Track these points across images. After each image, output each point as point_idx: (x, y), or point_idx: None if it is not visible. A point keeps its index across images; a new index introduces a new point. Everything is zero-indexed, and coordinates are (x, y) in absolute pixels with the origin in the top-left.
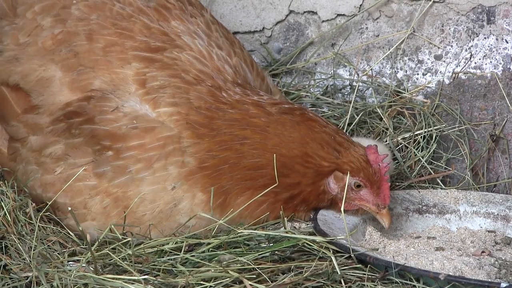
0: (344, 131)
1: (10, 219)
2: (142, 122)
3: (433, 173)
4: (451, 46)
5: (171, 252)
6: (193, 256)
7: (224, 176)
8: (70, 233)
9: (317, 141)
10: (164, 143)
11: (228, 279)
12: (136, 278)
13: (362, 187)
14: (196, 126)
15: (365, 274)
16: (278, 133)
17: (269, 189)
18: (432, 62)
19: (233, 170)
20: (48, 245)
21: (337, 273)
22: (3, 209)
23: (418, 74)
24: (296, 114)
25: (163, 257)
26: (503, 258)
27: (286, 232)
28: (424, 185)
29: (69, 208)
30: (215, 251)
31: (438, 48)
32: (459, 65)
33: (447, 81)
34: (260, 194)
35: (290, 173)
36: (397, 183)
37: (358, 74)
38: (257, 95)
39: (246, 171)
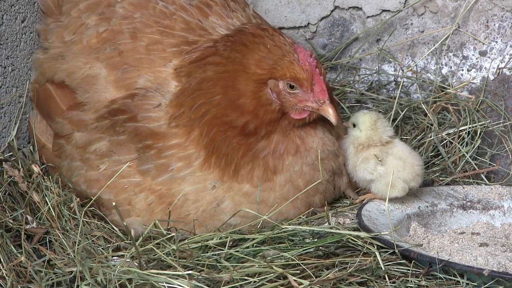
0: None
1: (54, 214)
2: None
3: (477, 169)
4: (496, 42)
5: (215, 248)
6: (237, 251)
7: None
8: (115, 228)
9: (252, 57)
10: None
11: (272, 274)
12: (180, 273)
13: (296, 87)
14: None
15: (409, 270)
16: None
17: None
18: (476, 58)
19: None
20: (92, 240)
21: (381, 268)
22: (47, 204)
23: (462, 70)
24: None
25: (207, 253)
26: None
27: (331, 228)
28: (468, 180)
29: (114, 204)
30: (259, 246)
31: (483, 44)
32: (504, 61)
33: (491, 77)
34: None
35: (238, 98)
36: (441, 179)
37: (403, 70)
38: None
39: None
